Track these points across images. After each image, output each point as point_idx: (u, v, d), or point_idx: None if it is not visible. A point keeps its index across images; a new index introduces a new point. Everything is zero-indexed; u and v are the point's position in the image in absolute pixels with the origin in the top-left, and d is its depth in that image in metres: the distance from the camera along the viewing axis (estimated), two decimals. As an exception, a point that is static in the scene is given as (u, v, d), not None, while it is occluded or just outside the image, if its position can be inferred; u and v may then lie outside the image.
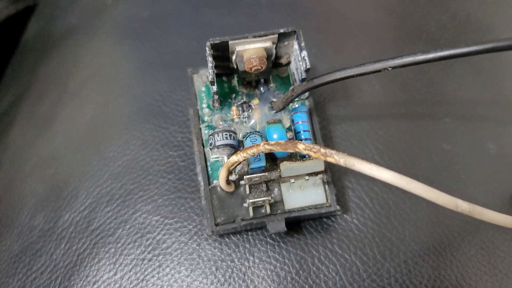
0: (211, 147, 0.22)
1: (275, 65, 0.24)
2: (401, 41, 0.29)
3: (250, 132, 0.22)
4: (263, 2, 0.30)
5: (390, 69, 0.19)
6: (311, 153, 0.19)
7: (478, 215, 0.18)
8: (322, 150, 0.18)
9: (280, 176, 0.22)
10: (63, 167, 0.26)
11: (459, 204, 0.18)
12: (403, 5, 0.31)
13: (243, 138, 0.22)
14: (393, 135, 0.26)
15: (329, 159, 0.18)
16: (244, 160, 0.20)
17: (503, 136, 0.26)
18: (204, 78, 0.25)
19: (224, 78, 0.25)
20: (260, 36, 0.21)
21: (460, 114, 0.27)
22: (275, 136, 0.22)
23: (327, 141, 0.25)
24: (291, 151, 0.19)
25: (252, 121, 0.24)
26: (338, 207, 0.22)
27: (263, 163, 0.22)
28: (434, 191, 0.17)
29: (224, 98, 0.24)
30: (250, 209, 0.22)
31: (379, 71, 0.19)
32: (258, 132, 0.22)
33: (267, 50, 0.22)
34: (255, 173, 0.22)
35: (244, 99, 0.24)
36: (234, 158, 0.20)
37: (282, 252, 0.23)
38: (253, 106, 0.24)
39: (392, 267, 0.23)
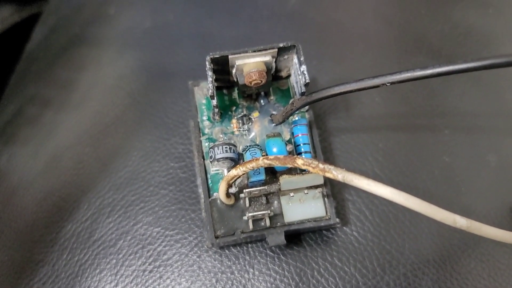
0: (211, 160, 0.22)
1: (275, 78, 0.25)
2: (401, 52, 0.29)
3: (250, 146, 0.22)
4: (264, 14, 0.30)
5: (388, 84, 0.19)
6: (310, 168, 0.19)
7: (476, 230, 0.18)
8: (321, 166, 0.19)
9: (279, 189, 0.22)
10: (65, 177, 0.26)
11: (457, 220, 0.18)
12: (404, 15, 0.31)
13: (243, 151, 0.22)
14: (393, 148, 0.26)
15: (328, 175, 0.18)
16: (243, 174, 0.20)
17: (503, 148, 0.26)
18: (204, 90, 0.25)
19: (225, 91, 0.25)
20: (260, 50, 0.21)
21: (460, 126, 0.27)
22: (274, 149, 0.22)
23: (327, 154, 0.26)
24: (290, 166, 0.19)
25: (252, 134, 0.24)
26: (337, 220, 0.23)
27: (262, 176, 0.22)
28: (432, 207, 0.17)
29: (225, 110, 0.24)
30: (250, 222, 0.22)
31: (377, 86, 0.19)
32: (258, 145, 0.22)
33: (266, 64, 0.22)
34: (255, 186, 0.22)
35: (244, 112, 0.24)
36: (234, 172, 0.20)
37: (282, 264, 0.23)
38: (253, 119, 0.24)
39: (392, 280, 0.23)
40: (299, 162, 0.19)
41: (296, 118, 0.24)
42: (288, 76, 0.25)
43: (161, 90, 0.28)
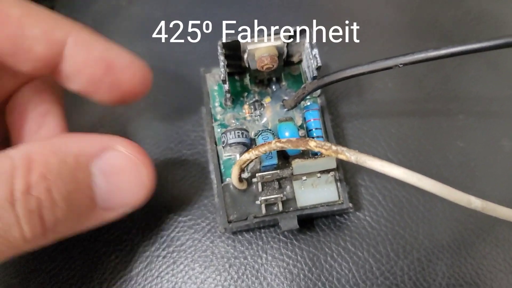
0: (223, 145, 0.22)
1: (287, 63, 0.25)
2: (413, 38, 0.29)
3: (262, 130, 0.22)
4: (274, 2, 0.30)
5: (401, 66, 0.19)
6: (322, 150, 0.19)
7: (491, 211, 0.18)
8: (333, 147, 0.18)
9: (292, 173, 0.22)
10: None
11: (472, 201, 0.17)
12: (416, 1, 0.30)
13: (255, 136, 0.22)
14: (406, 133, 0.26)
15: (341, 156, 0.18)
16: (256, 158, 0.20)
17: (518, 132, 0.26)
18: (216, 77, 0.25)
19: (237, 77, 0.25)
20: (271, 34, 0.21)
21: (474, 110, 0.26)
22: (286, 134, 0.22)
23: (340, 139, 0.25)
24: (303, 148, 0.19)
25: (264, 119, 0.24)
26: (350, 204, 0.22)
27: (275, 160, 0.22)
28: (446, 188, 0.17)
29: (236, 96, 0.24)
30: (263, 206, 0.22)
31: (390, 68, 0.19)
32: (270, 130, 0.22)
33: (278, 48, 0.22)
34: (267, 171, 0.22)
35: (256, 98, 0.24)
36: (246, 156, 0.20)
37: (295, 249, 0.23)
38: (265, 105, 0.24)
39: (406, 265, 0.23)
40: (312, 144, 0.19)
41: (308, 103, 0.24)
42: (300, 61, 0.25)
43: (172, 78, 0.29)
